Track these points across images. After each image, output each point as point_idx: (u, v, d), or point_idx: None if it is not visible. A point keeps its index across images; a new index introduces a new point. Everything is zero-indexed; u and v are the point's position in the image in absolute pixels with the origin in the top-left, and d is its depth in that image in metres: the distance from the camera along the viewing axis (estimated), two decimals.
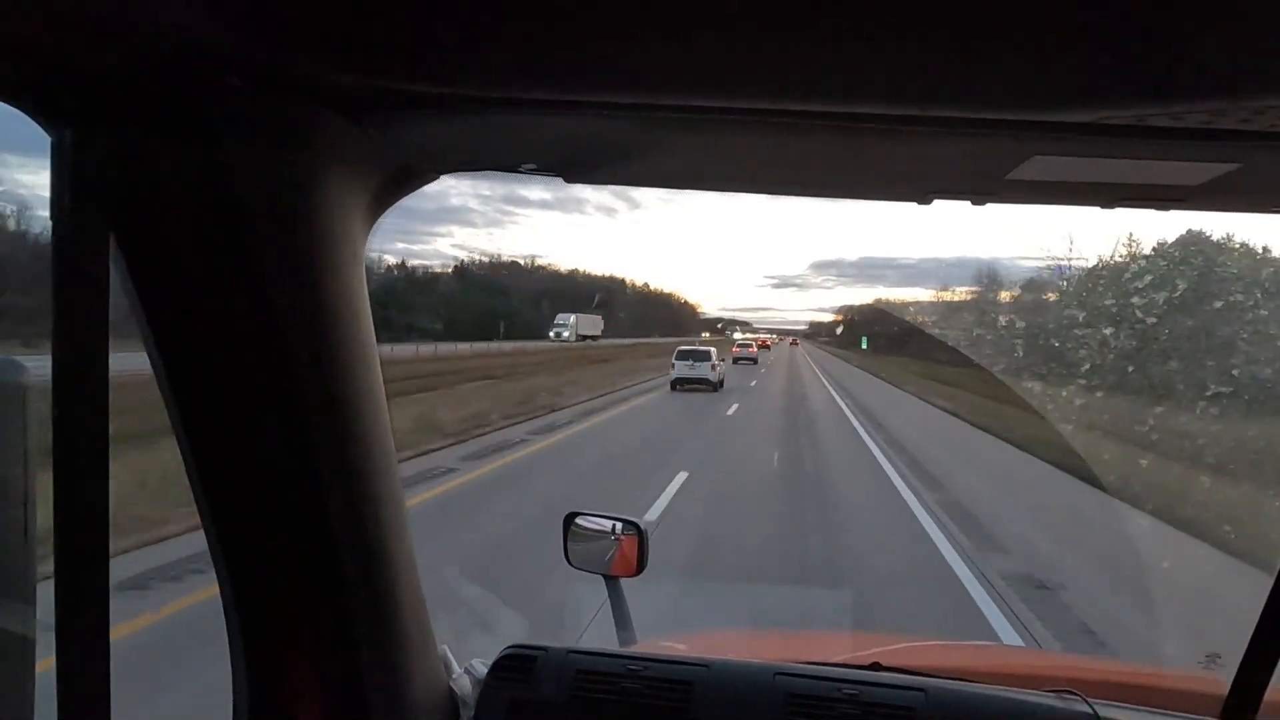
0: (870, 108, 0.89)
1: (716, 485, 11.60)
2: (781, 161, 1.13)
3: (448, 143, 1.09)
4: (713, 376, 26.95)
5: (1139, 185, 1.10)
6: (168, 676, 4.88)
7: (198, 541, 1.24)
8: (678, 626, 4.47)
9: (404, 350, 39.52)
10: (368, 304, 1.13)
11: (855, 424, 20.93)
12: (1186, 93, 0.80)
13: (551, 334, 57.07)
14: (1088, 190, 1.14)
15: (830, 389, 33.44)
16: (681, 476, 11.58)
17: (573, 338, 55.15)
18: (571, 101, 0.92)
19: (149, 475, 8.00)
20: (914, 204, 1.21)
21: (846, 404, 26.23)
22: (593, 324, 57.53)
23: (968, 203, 1.20)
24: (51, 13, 0.71)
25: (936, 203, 1.21)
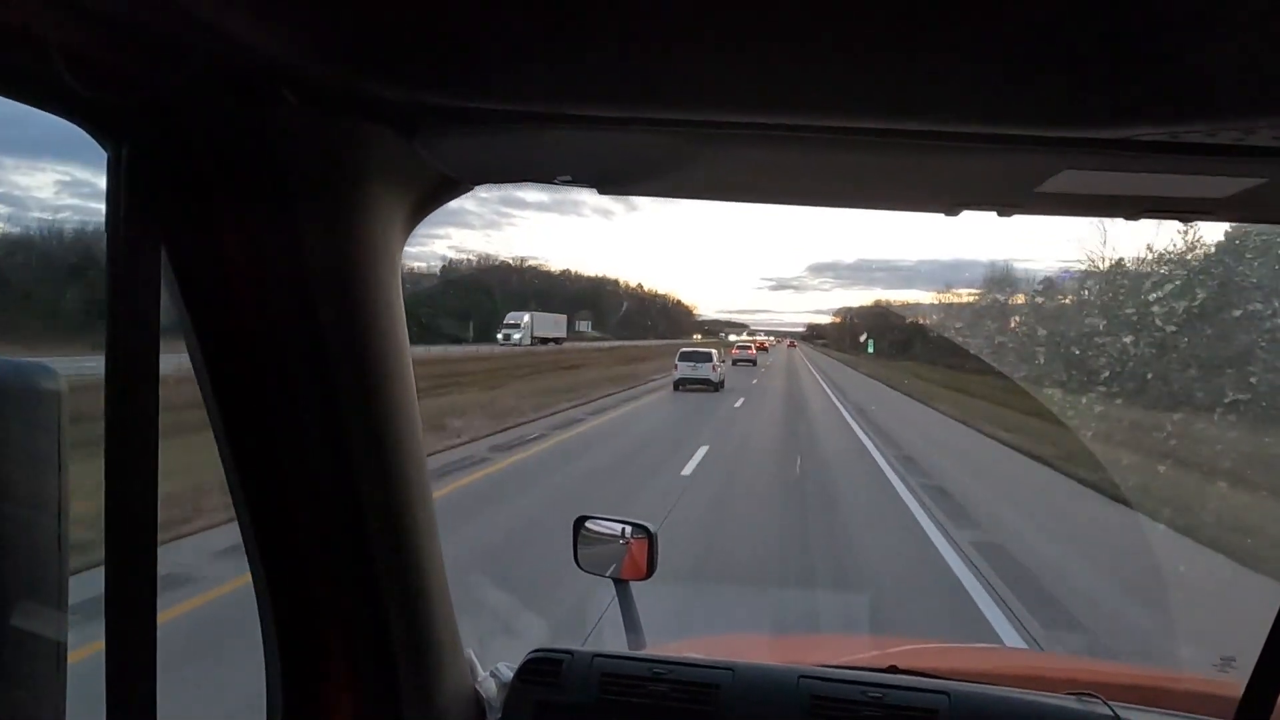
0: (905, 124, 0.90)
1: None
2: (809, 174, 1.14)
3: (487, 155, 1.12)
4: (714, 377, 27.83)
5: (1166, 198, 1.10)
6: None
7: None
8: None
9: None
10: (403, 311, 1.15)
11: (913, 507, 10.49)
12: (1221, 111, 0.81)
13: (500, 336, 46.16)
14: (1115, 203, 1.15)
15: (845, 413, 22.38)
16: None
17: (526, 340, 46.10)
18: (609, 118, 0.94)
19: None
20: (941, 215, 1.21)
21: (876, 445, 16.06)
22: (553, 324, 48.77)
23: (994, 214, 1.19)
24: (110, 29, 0.74)
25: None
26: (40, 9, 0.70)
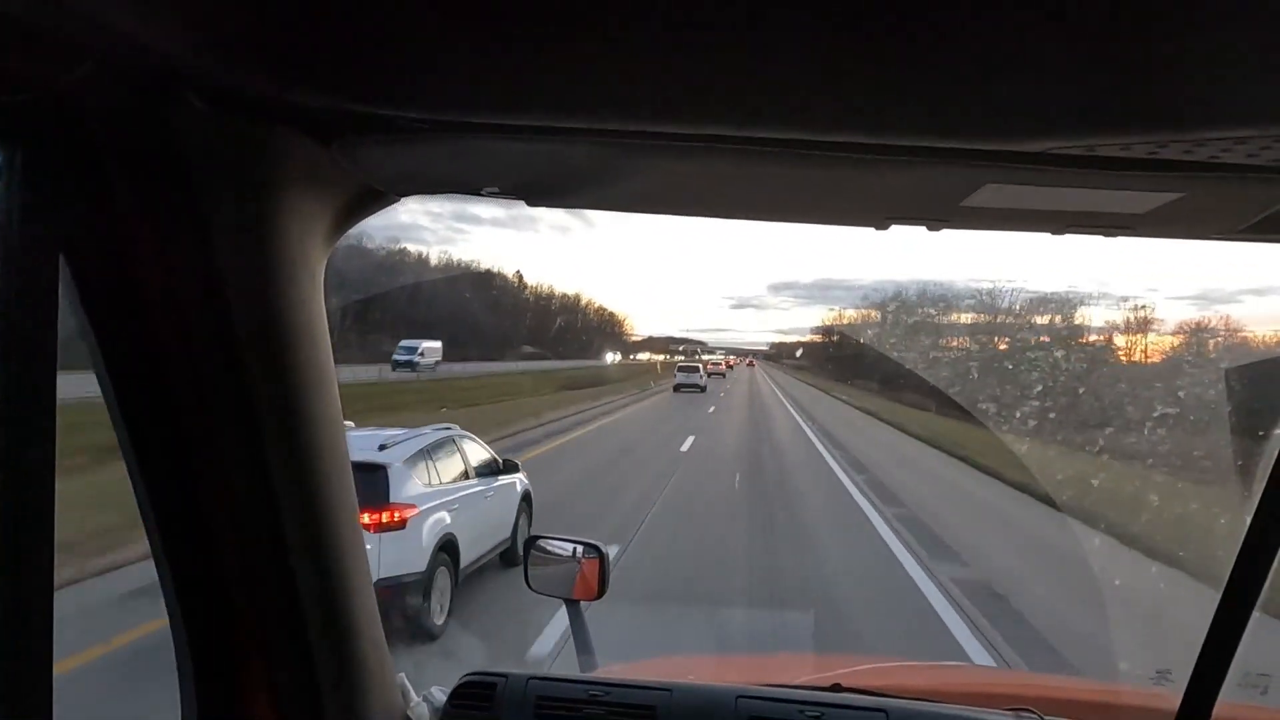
0: (828, 135, 0.91)
1: None
2: (740, 186, 1.14)
3: (409, 166, 1.09)
4: (701, 382, 42.59)
5: (1088, 213, 1.13)
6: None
7: None
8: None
9: None
10: (326, 326, 1.12)
11: None
12: (1133, 125, 0.83)
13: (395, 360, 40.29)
14: (1039, 217, 1.17)
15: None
16: None
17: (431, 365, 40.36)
18: (533, 126, 0.93)
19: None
20: (871, 229, 1.23)
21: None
22: (433, 351, 44.03)
23: (923, 228, 1.22)
24: (6, 29, 0.70)
25: (893, 228, 1.23)
26: None
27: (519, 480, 8.35)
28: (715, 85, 0.81)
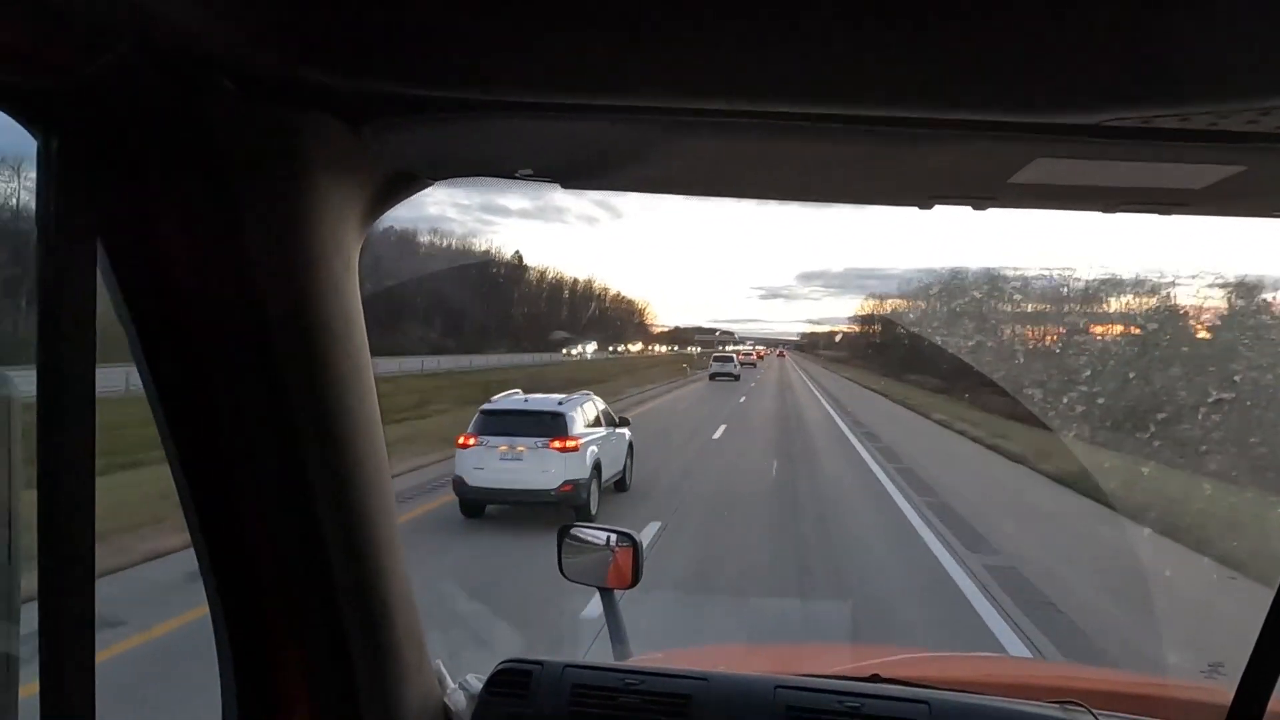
0: (872, 110, 0.88)
1: None
2: (780, 166, 1.12)
3: (442, 148, 1.08)
4: (735, 371, 46.94)
5: (1142, 189, 1.09)
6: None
7: None
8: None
9: None
10: (361, 312, 1.11)
11: None
12: (1193, 94, 0.79)
13: None
14: (1089, 194, 1.13)
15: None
16: None
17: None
18: (568, 105, 0.91)
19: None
20: (915, 209, 1.20)
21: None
22: None
23: (969, 207, 1.18)
24: (40, 12, 0.70)
25: (936, 209, 1.19)
26: None
27: (627, 432, 11.90)
28: (755, 59, 0.78)
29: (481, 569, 8.04)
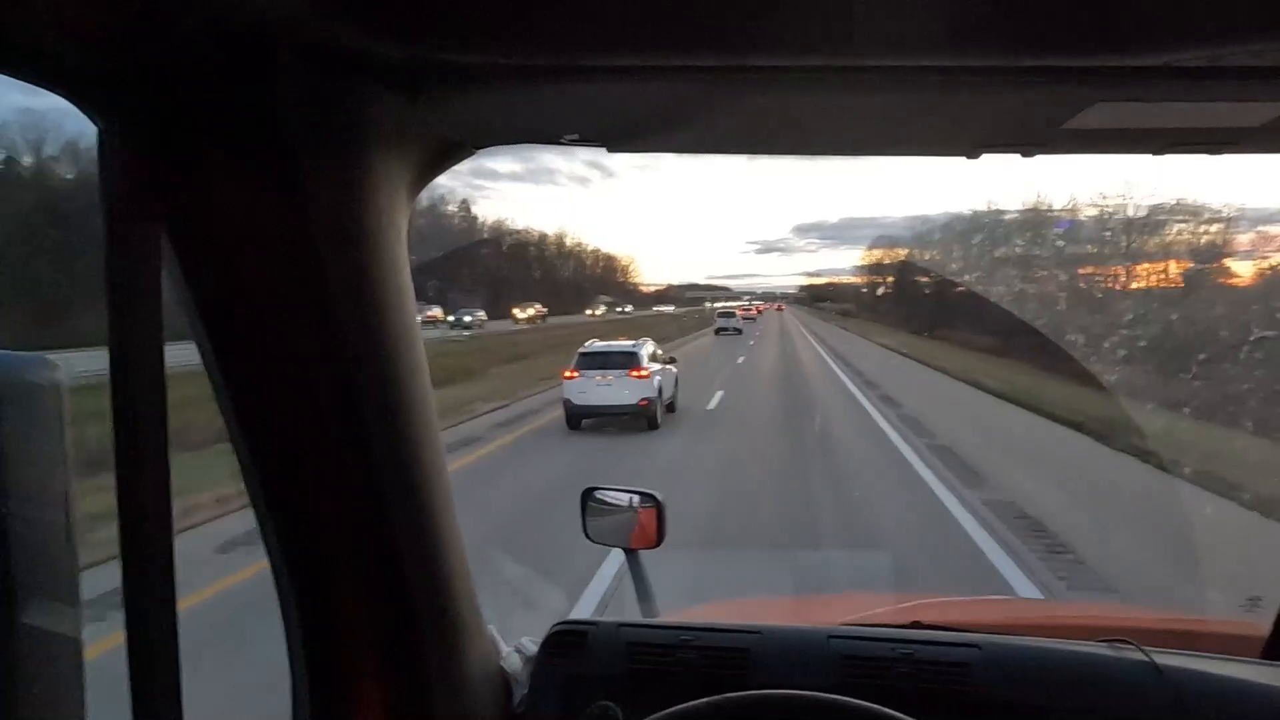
0: (924, 59, 0.86)
1: None
2: (826, 119, 1.10)
3: (492, 115, 1.08)
4: (738, 325, 51.25)
5: (1197, 129, 1.06)
6: None
7: None
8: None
9: None
10: (411, 284, 1.11)
11: None
12: (1270, 27, 0.76)
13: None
14: (1142, 137, 1.10)
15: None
16: None
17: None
18: (617, 67, 0.90)
19: None
20: (961, 159, 1.16)
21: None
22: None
23: (1017, 155, 1.15)
24: None
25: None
26: None
27: (674, 368, 16.10)
28: (801, 10, 0.77)
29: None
